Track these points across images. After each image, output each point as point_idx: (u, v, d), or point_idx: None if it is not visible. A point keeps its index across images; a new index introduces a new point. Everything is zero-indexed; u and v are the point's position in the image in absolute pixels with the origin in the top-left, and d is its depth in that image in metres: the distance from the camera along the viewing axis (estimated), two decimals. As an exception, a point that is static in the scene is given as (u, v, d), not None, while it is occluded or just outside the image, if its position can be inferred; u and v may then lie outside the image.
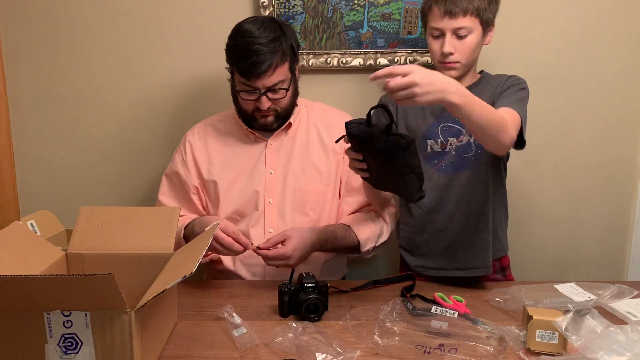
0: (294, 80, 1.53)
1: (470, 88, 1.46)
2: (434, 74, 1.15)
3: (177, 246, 1.44)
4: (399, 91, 1.12)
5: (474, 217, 1.49)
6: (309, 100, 1.67)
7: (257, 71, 1.42)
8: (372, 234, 1.54)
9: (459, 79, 1.45)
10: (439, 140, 1.49)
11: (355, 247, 1.53)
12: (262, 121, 1.53)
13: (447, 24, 1.40)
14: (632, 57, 1.81)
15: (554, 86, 1.82)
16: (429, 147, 1.50)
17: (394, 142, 1.18)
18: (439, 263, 1.52)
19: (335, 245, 1.50)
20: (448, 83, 1.15)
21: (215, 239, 1.37)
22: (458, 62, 1.42)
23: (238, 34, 1.46)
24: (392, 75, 1.13)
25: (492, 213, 1.50)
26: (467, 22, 1.39)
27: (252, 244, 1.40)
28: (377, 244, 1.56)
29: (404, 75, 1.11)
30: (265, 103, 1.48)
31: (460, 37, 1.40)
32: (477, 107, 1.20)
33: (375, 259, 1.90)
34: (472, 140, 1.47)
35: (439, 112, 1.50)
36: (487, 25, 1.44)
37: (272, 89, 1.47)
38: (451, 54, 1.40)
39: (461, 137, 1.48)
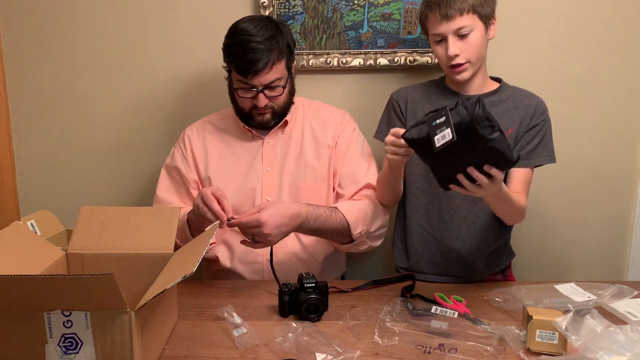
0: (290, 78, 1.54)
1: (487, 95, 1.47)
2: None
3: (180, 233, 1.43)
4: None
5: (474, 230, 1.49)
6: (307, 99, 1.68)
7: (254, 69, 1.43)
8: (361, 215, 1.49)
9: (471, 79, 1.45)
10: None
11: (346, 230, 1.48)
12: (259, 119, 1.54)
13: (446, 27, 1.38)
14: (632, 57, 1.81)
15: (554, 86, 1.82)
16: None
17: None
18: (435, 271, 1.53)
19: (320, 223, 1.44)
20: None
21: (201, 195, 1.35)
22: (467, 62, 1.40)
23: (235, 33, 1.47)
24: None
25: (496, 227, 1.50)
26: (466, 20, 1.38)
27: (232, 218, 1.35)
28: (371, 228, 1.51)
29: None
30: (262, 100, 1.48)
31: (462, 37, 1.39)
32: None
33: (375, 256, 1.90)
34: None
35: None
36: (487, 19, 1.41)
37: (269, 87, 1.47)
38: (457, 55, 1.39)
39: None
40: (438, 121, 1.12)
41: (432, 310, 1.21)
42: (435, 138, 1.12)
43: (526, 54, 1.81)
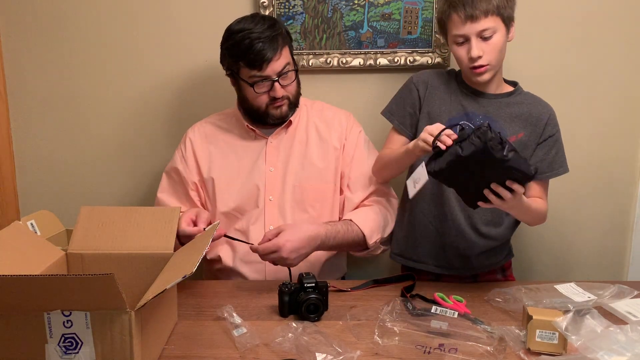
0: (295, 66, 1.56)
1: (503, 97, 1.46)
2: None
3: None
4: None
5: (475, 225, 1.49)
6: (309, 100, 1.68)
7: (266, 57, 1.44)
8: (375, 225, 1.53)
9: (489, 81, 1.44)
10: None
11: (361, 241, 1.51)
12: (277, 113, 1.54)
13: (470, 28, 1.36)
14: (632, 57, 1.81)
15: (554, 86, 1.82)
16: None
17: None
18: (435, 263, 1.53)
19: (339, 240, 1.48)
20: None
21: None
22: (488, 64, 1.39)
23: (234, 32, 1.48)
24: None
25: (497, 228, 1.50)
26: (490, 22, 1.36)
27: (251, 244, 1.41)
28: (384, 235, 1.55)
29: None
30: (280, 90, 1.50)
31: (485, 39, 1.37)
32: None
33: (376, 258, 1.89)
34: None
35: (462, 110, 1.47)
36: (509, 21, 1.41)
37: (282, 74, 1.49)
38: (480, 57, 1.37)
39: None
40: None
41: (432, 310, 1.21)
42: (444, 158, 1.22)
43: (526, 54, 1.80)
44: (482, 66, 1.39)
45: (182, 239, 1.38)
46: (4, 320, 0.96)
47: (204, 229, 1.39)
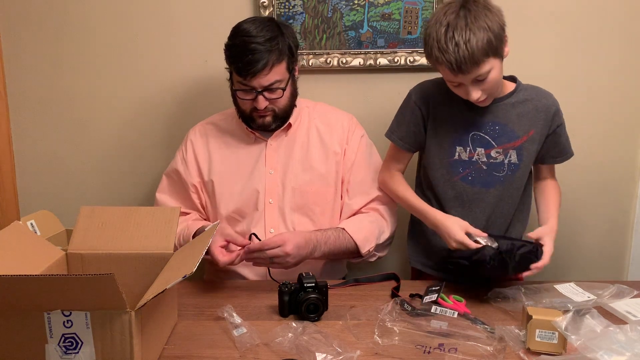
0: (292, 81, 1.53)
1: (505, 98, 1.45)
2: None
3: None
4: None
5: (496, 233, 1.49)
6: (311, 101, 1.67)
7: (252, 69, 1.42)
8: (369, 233, 1.52)
9: None
10: (468, 148, 1.45)
11: (354, 249, 1.51)
12: (259, 121, 1.53)
13: (463, 78, 1.30)
14: (632, 57, 1.81)
15: (554, 86, 1.80)
16: (456, 154, 1.46)
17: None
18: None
19: (330, 246, 1.48)
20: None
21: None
22: (487, 97, 1.36)
23: (236, 33, 1.47)
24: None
25: (511, 228, 1.53)
26: (483, 67, 1.28)
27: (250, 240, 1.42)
28: (379, 242, 1.55)
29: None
30: (262, 102, 1.47)
31: (481, 81, 1.31)
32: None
33: (378, 261, 1.89)
34: (506, 161, 1.44)
35: (470, 120, 1.45)
36: (502, 49, 1.33)
37: (268, 89, 1.46)
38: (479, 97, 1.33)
39: (492, 150, 1.44)
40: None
41: (432, 310, 1.21)
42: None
43: (526, 54, 1.80)
44: (481, 100, 1.36)
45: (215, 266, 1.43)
46: (4, 320, 0.96)
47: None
